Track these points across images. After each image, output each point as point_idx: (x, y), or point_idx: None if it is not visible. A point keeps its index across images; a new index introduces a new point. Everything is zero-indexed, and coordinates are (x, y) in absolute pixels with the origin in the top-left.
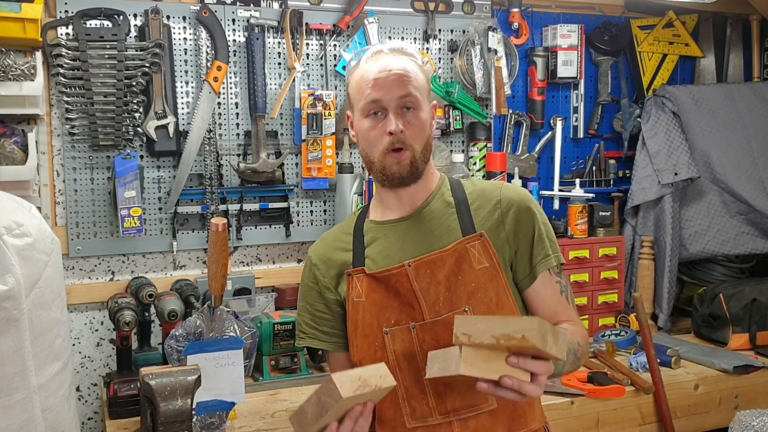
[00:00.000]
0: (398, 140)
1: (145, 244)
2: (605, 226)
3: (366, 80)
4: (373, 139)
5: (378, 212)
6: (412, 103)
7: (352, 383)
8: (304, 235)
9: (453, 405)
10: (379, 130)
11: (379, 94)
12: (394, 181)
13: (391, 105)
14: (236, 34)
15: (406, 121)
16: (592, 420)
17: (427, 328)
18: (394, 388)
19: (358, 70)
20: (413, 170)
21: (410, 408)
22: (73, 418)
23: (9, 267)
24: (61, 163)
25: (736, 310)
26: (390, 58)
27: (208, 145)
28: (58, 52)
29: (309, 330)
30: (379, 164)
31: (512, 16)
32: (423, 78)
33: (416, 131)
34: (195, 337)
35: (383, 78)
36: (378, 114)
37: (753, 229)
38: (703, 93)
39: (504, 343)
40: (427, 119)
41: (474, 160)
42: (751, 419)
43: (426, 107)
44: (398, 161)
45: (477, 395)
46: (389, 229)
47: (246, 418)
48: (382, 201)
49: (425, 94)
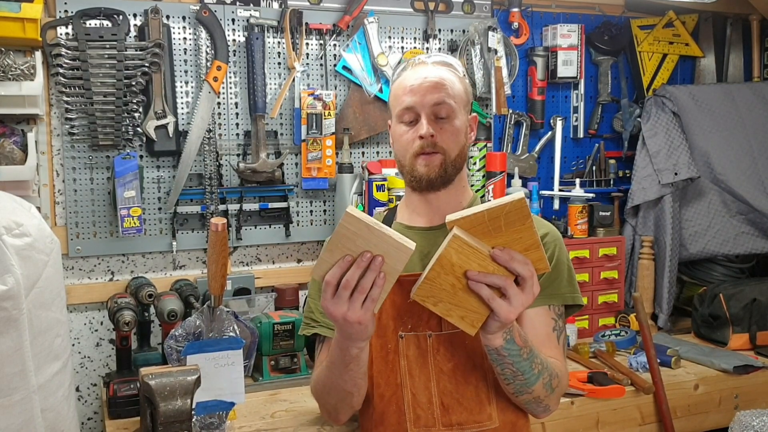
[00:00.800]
0: (429, 144)
1: (144, 244)
2: (605, 226)
3: (403, 88)
4: (405, 143)
5: (406, 216)
6: (445, 111)
7: (366, 217)
8: (304, 235)
9: (458, 419)
10: (411, 134)
11: (413, 100)
12: (422, 182)
13: (425, 111)
14: (236, 34)
15: (439, 127)
16: (592, 420)
17: (442, 339)
18: (401, 393)
19: (399, 79)
20: (442, 173)
21: (414, 415)
22: (72, 418)
23: (8, 267)
24: (61, 162)
25: (736, 310)
26: (429, 68)
27: (207, 145)
28: (57, 52)
29: (321, 318)
30: (408, 166)
31: (512, 15)
32: (461, 88)
33: (449, 136)
34: (194, 337)
35: (418, 85)
36: (412, 121)
37: (753, 229)
38: (703, 93)
39: (494, 220)
40: (462, 128)
41: (474, 160)
42: (751, 419)
43: (462, 116)
44: (427, 163)
45: (482, 412)
46: (417, 235)
47: (246, 418)
48: (411, 205)
49: (461, 103)
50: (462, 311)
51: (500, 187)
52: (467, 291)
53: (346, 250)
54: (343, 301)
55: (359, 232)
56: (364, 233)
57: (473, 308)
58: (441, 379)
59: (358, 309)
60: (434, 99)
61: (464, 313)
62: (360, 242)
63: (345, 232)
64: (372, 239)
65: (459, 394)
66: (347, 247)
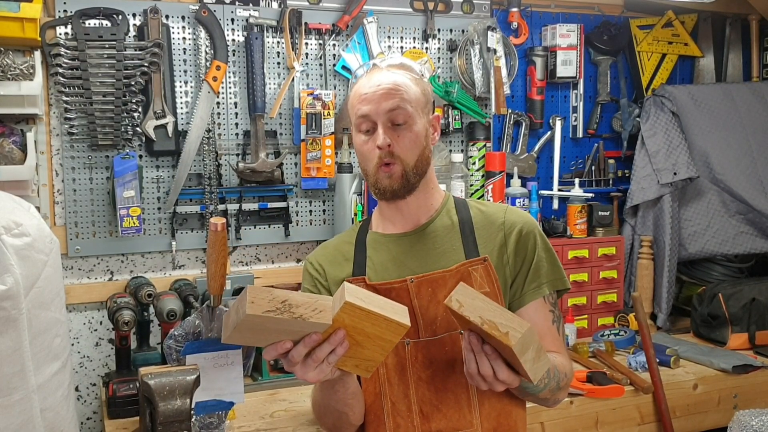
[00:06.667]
0: (386, 154)
1: (144, 243)
2: (604, 226)
3: (358, 96)
4: (366, 154)
5: (380, 225)
6: (402, 116)
7: (269, 302)
8: (303, 234)
9: (438, 426)
10: (370, 145)
11: (367, 108)
12: (386, 194)
13: (380, 119)
14: (235, 34)
15: (396, 135)
16: (591, 420)
17: (421, 346)
18: (381, 402)
19: (355, 87)
20: (404, 183)
21: (394, 424)
22: (72, 417)
23: (8, 267)
24: (60, 162)
25: (735, 309)
26: (384, 73)
27: (207, 145)
28: (56, 52)
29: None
30: (372, 178)
31: (511, 15)
32: (417, 91)
33: (407, 144)
34: (194, 337)
35: (372, 93)
36: (369, 129)
37: (752, 228)
38: (702, 93)
39: (486, 329)
40: (422, 132)
41: (473, 160)
42: (750, 419)
43: (420, 120)
44: (389, 175)
45: (462, 419)
46: (392, 243)
47: (245, 418)
48: (383, 213)
49: (419, 106)
50: (356, 361)
51: (499, 187)
52: (358, 345)
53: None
54: (293, 366)
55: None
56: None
57: (366, 357)
58: (420, 386)
59: (309, 372)
60: (389, 105)
61: (358, 362)
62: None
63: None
64: (285, 325)
65: (438, 401)
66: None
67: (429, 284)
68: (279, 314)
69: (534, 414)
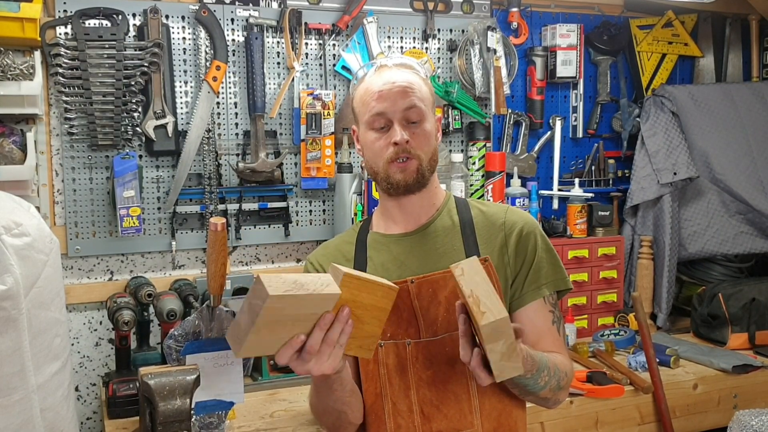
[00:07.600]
0: (403, 150)
1: (143, 243)
2: (604, 226)
3: (370, 93)
4: (378, 150)
5: (381, 225)
6: (416, 115)
7: (283, 284)
8: (303, 234)
9: (438, 426)
10: (384, 141)
11: (383, 106)
12: (399, 188)
13: (396, 117)
14: (235, 34)
15: (411, 132)
16: (591, 419)
17: (421, 346)
18: (381, 402)
19: (363, 84)
20: (419, 178)
21: (395, 424)
22: (72, 417)
23: (8, 267)
24: (60, 162)
25: (735, 309)
26: (394, 71)
27: (207, 145)
28: (56, 52)
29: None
30: (383, 173)
31: (511, 15)
32: (427, 90)
33: (422, 141)
34: (194, 337)
35: (387, 90)
36: (383, 127)
37: (752, 228)
38: (702, 93)
39: (470, 302)
40: (432, 131)
41: (473, 160)
42: (750, 419)
43: (431, 119)
44: (402, 169)
45: (463, 420)
46: (393, 243)
47: (245, 418)
48: (386, 213)
49: (429, 105)
50: (359, 341)
51: (499, 187)
52: (359, 321)
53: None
54: (308, 361)
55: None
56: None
57: (367, 334)
58: (420, 387)
59: (325, 362)
60: (405, 104)
61: (361, 342)
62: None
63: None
64: (299, 304)
65: (439, 402)
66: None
67: (429, 285)
68: (296, 292)
69: (534, 414)
